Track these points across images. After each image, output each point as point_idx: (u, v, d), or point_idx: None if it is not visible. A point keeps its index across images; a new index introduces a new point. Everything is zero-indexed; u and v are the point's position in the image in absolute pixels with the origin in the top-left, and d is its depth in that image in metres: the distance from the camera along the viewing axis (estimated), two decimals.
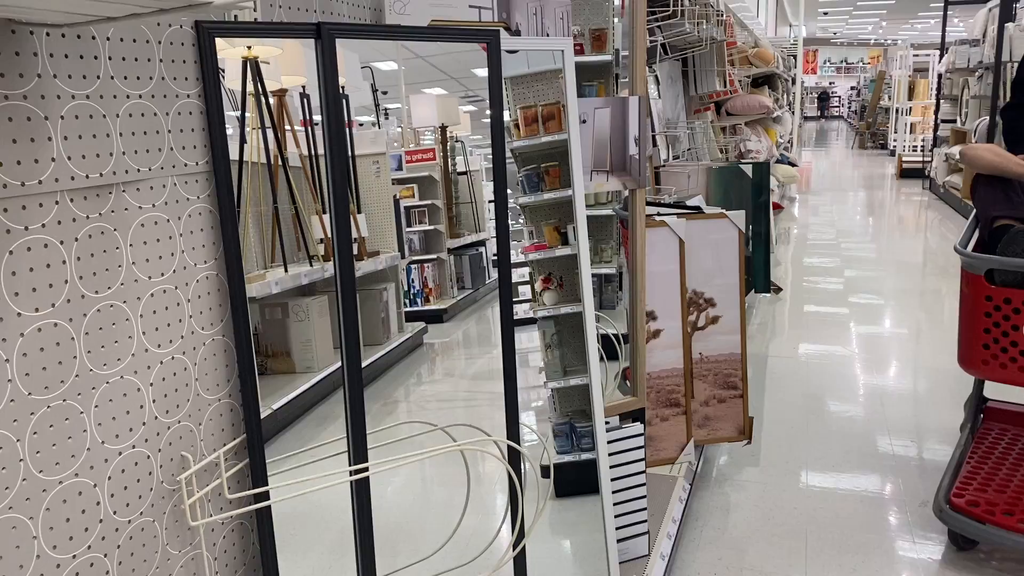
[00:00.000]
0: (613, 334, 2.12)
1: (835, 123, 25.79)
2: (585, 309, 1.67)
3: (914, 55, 12.83)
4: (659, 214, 2.27)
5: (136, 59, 1.06)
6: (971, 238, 2.33)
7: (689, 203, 2.72)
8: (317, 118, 1.70)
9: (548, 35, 1.80)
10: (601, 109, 1.96)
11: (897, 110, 12.76)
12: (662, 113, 3.63)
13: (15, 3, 0.79)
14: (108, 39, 1.02)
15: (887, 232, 7.14)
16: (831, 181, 11.03)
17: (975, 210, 2.42)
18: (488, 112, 1.85)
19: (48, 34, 0.94)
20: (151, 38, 1.08)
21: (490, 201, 1.89)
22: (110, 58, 1.02)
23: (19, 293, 0.92)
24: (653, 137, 3.32)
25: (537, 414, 2.51)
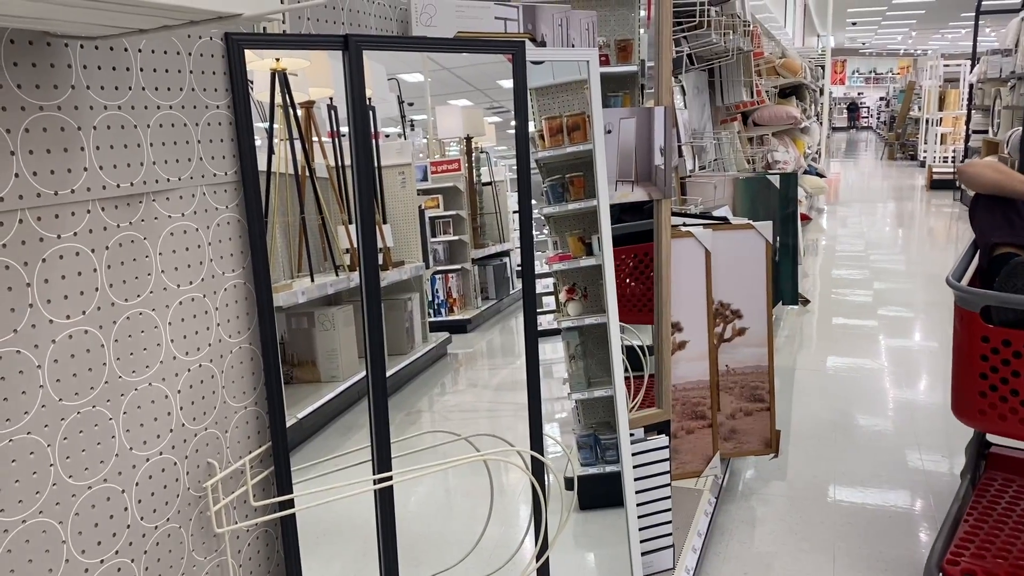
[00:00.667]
0: (639, 346, 2.11)
1: (864, 134, 25.58)
2: (610, 320, 1.66)
3: (944, 65, 12.70)
4: (685, 224, 2.26)
5: (167, 70, 1.07)
6: (967, 268, 2.03)
7: (715, 214, 2.71)
8: (344, 129, 1.71)
9: (573, 46, 1.80)
10: (627, 119, 1.96)
11: (927, 121, 12.63)
12: (688, 123, 3.62)
13: (52, 16, 0.81)
14: (140, 51, 1.03)
15: (917, 244, 7.06)
16: (860, 192, 10.93)
17: (974, 236, 2.17)
18: (513, 123, 1.86)
19: (82, 46, 0.96)
20: (181, 50, 1.10)
21: (514, 212, 1.90)
22: (141, 69, 1.04)
23: (51, 300, 0.94)
24: (679, 147, 3.31)
25: (561, 426, 2.50)
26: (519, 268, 1.55)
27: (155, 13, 0.80)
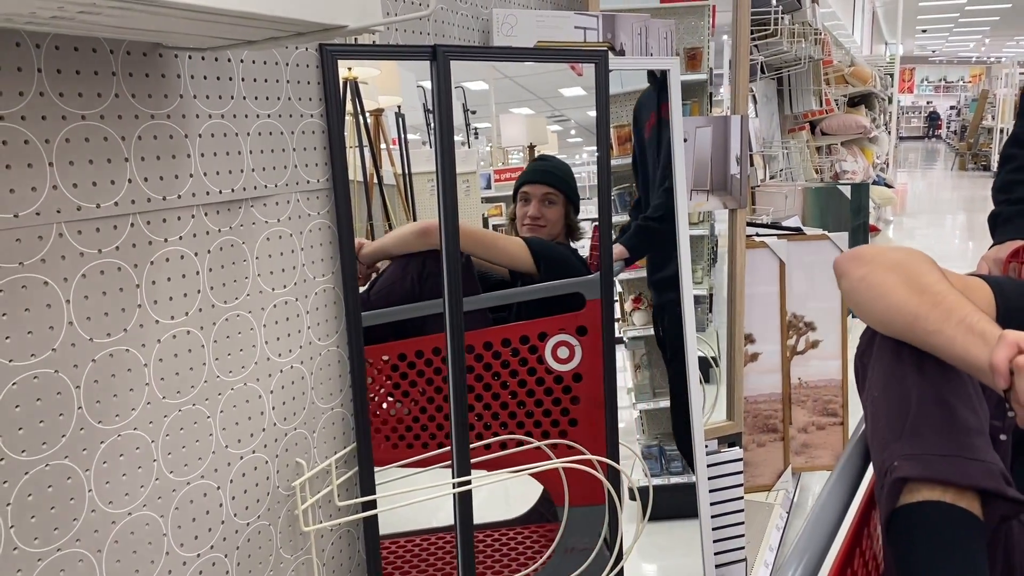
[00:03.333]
0: (712, 357, 2.09)
1: (932, 143, 24.89)
2: (686, 331, 1.65)
3: (1021, 73, 12.29)
4: (758, 235, 2.24)
5: (265, 80, 1.11)
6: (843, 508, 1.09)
7: (786, 224, 2.67)
8: (412, 136, 1.73)
9: (652, 54, 1.80)
10: (702, 128, 1.95)
11: (1001, 130, 12.24)
12: (758, 132, 3.58)
13: (167, 28, 0.84)
14: (242, 61, 1.07)
15: None
16: (928, 203, 10.64)
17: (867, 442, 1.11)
18: (573, 131, 1.86)
19: (190, 57, 1.00)
20: (279, 60, 1.13)
21: (580, 220, 1.91)
22: (243, 80, 1.07)
23: (157, 301, 0.97)
24: (750, 156, 3.28)
25: (622, 436, 2.49)
26: None
27: (265, 25, 0.83)
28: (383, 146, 1.99)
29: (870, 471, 1.10)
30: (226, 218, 1.06)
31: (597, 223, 1.75)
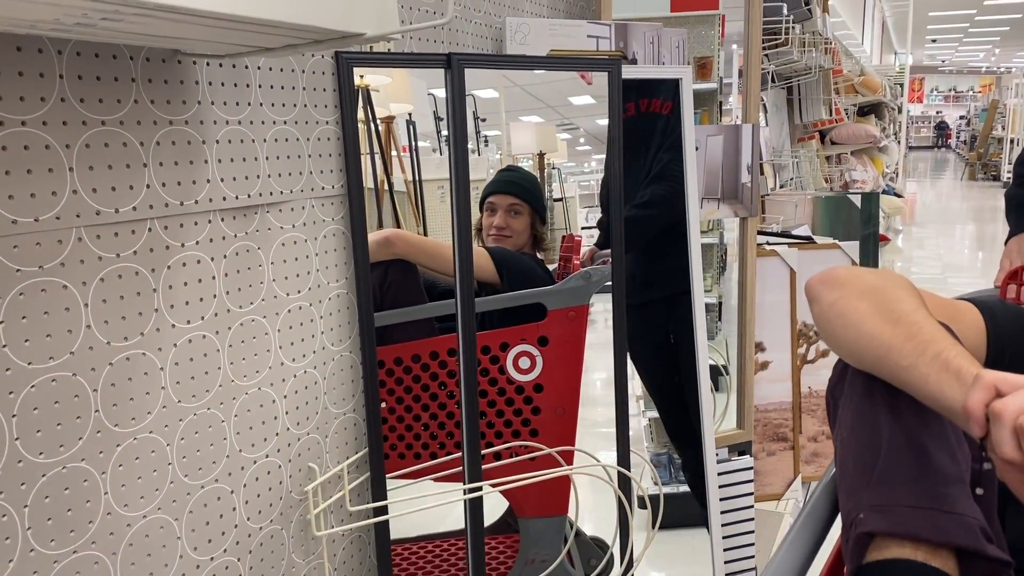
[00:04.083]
0: (723, 365, 2.08)
1: (941, 153, 24.82)
2: (697, 338, 1.65)
3: None
4: (769, 243, 2.23)
5: (282, 87, 1.12)
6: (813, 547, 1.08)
7: (796, 232, 2.67)
8: (422, 144, 1.74)
9: (664, 63, 1.81)
10: (713, 136, 1.95)
11: (1012, 140, 12.20)
12: (768, 141, 3.58)
13: (187, 36, 0.85)
14: (259, 68, 1.08)
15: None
16: (938, 213, 10.61)
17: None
18: (582, 140, 1.87)
19: (208, 64, 1.00)
20: (296, 67, 1.14)
21: (584, 228, 1.91)
22: (260, 86, 1.08)
23: (174, 306, 0.98)
24: (760, 165, 3.28)
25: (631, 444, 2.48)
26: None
27: (283, 32, 0.83)
28: (394, 153, 2.00)
29: (839, 521, 0.99)
30: (242, 223, 1.07)
31: (570, 233, 1.76)
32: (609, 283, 1.49)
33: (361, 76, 1.95)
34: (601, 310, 1.57)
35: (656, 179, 1.82)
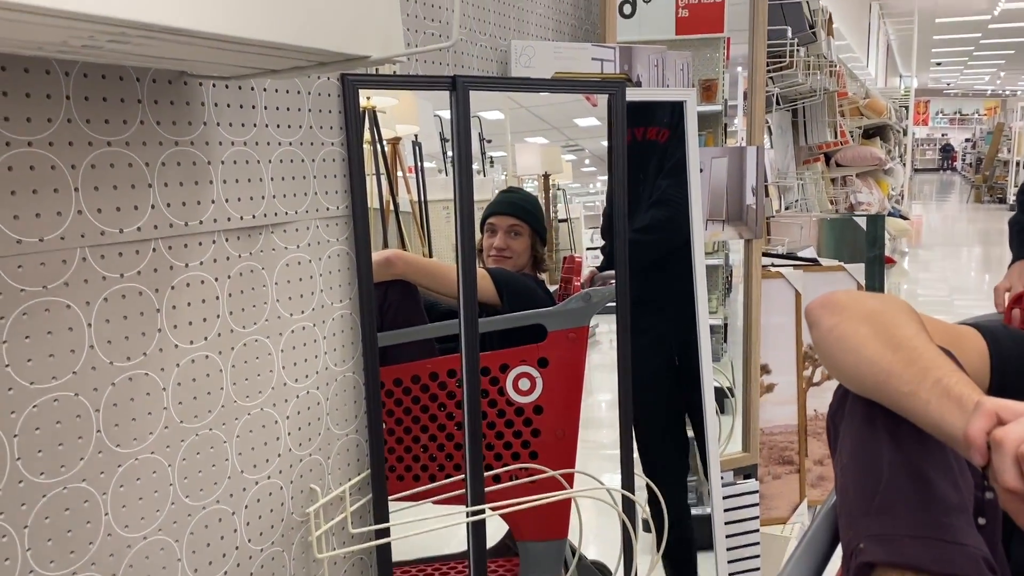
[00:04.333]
0: (728, 387, 2.07)
1: (946, 175, 24.83)
2: (702, 360, 1.65)
3: None
4: (774, 265, 2.23)
5: (288, 108, 1.12)
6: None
7: (801, 254, 2.66)
8: (428, 164, 1.75)
9: (668, 86, 1.81)
10: (718, 159, 1.96)
11: (1017, 163, 12.20)
12: (773, 163, 3.59)
13: (193, 57, 0.85)
14: (265, 90, 1.08)
15: None
16: (944, 236, 10.59)
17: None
18: (587, 161, 1.87)
19: (214, 85, 1.01)
20: (301, 89, 1.14)
21: (588, 248, 1.91)
22: (266, 107, 1.09)
23: (177, 326, 0.98)
24: (765, 187, 3.28)
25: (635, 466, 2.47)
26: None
27: (290, 55, 0.84)
28: (399, 174, 2.01)
29: (840, 550, 0.97)
30: (247, 244, 1.07)
31: (572, 254, 1.76)
32: (612, 304, 1.49)
33: (368, 98, 1.97)
34: (607, 331, 1.57)
35: (656, 204, 1.82)
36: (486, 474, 1.34)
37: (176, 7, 0.63)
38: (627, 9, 2.50)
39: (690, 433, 1.99)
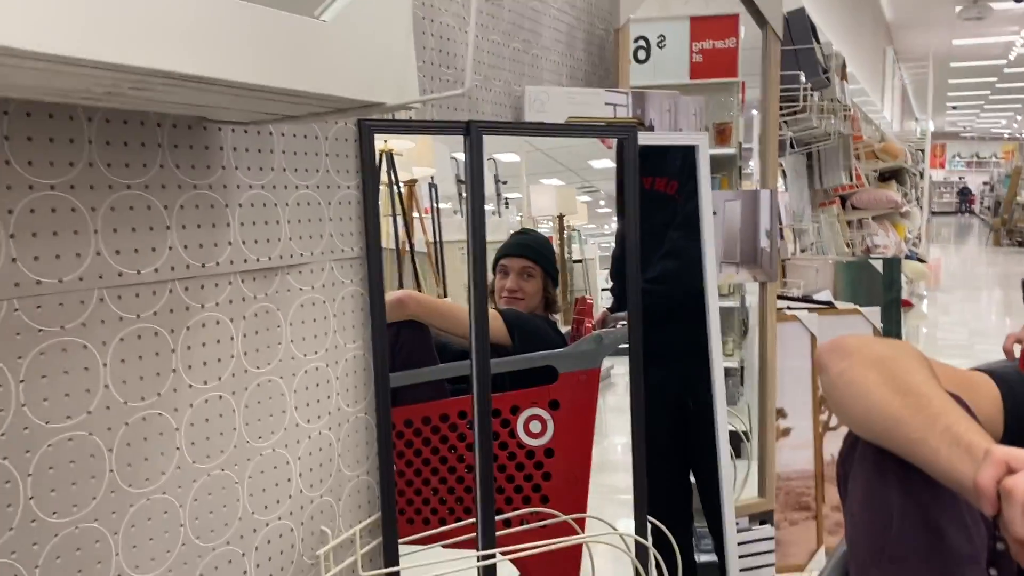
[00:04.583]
0: (744, 431, 2.06)
1: (965, 218, 24.75)
2: (716, 403, 1.64)
3: None
4: (789, 308, 2.22)
5: (305, 153, 1.14)
6: None
7: (817, 297, 2.65)
8: (443, 206, 1.77)
9: (681, 130, 1.83)
10: (731, 202, 1.96)
11: None
12: (789, 206, 3.59)
13: (213, 103, 0.87)
14: (283, 135, 1.11)
15: None
16: (963, 279, 10.51)
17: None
18: (602, 202, 1.89)
19: (233, 130, 1.03)
20: (319, 134, 1.17)
21: (604, 289, 1.91)
22: (283, 152, 1.11)
23: (192, 366, 0.99)
24: (780, 229, 3.28)
25: None
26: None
27: (308, 102, 0.86)
28: (416, 215, 2.03)
29: None
30: (262, 285, 1.08)
31: (582, 295, 1.76)
32: (625, 346, 1.49)
33: (385, 140, 2.00)
34: (622, 373, 1.57)
35: (667, 256, 1.83)
36: (497, 518, 1.33)
37: (197, 56, 0.65)
38: (641, 55, 2.53)
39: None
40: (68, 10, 0.55)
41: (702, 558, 2.46)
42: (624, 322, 1.52)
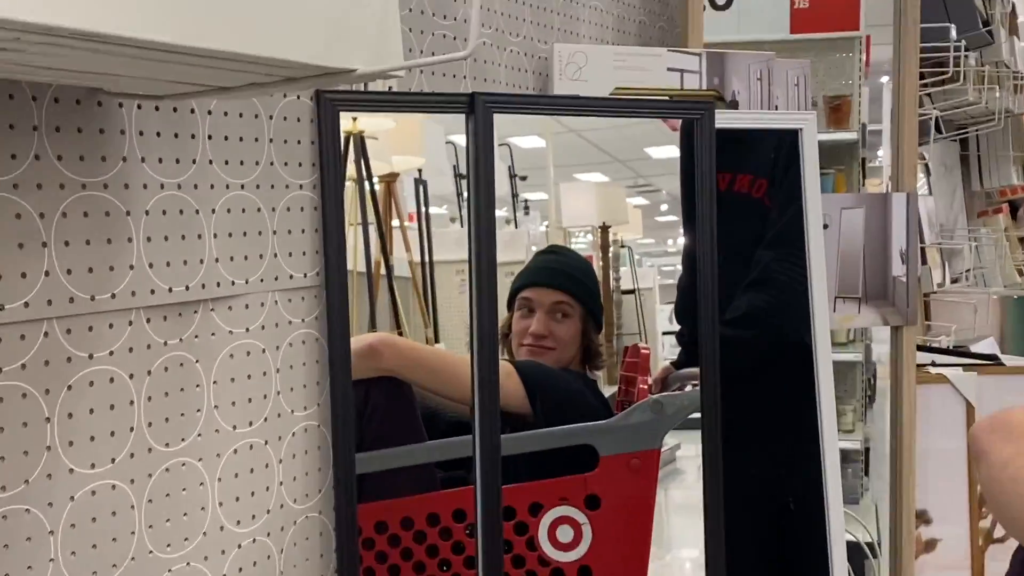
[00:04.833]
0: (867, 542, 2.05)
1: None
2: (828, 501, 1.63)
3: None
4: (934, 363, 2.22)
5: (241, 139, 1.16)
6: None
7: (975, 348, 2.65)
8: (435, 210, 1.77)
9: (777, 106, 1.84)
10: (851, 210, 1.97)
11: None
12: (933, 216, 3.59)
13: (110, 69, 0.89)
14: (209, 113, 1.12)
15: None
16: None
17: None
18: (664, 207, 1.89)
19: (139, 107, 1.05)
20: (260, 112, 1.18)
21: (665, 333, 1.89)
22: (209, 137, 1.12)
23: (73, 443, 1.00)
24: (921, 250, 3.27)
25: None
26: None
27: (247, 68, 0.87)
28: (396, 223, 2.04)
29: None
30: (175, 327, 1.09)
31: (636, 343, 1.74)
32: (696, 416, 1.48)
33: (354, 119, 2.02)
34: (692, 455, 1.56)
35: (755, 285, 1.81)
36: None
37: (88, 6, 0.66)
38: None
39: None
40: None
41: None
42: (695, 382, 1.51)
